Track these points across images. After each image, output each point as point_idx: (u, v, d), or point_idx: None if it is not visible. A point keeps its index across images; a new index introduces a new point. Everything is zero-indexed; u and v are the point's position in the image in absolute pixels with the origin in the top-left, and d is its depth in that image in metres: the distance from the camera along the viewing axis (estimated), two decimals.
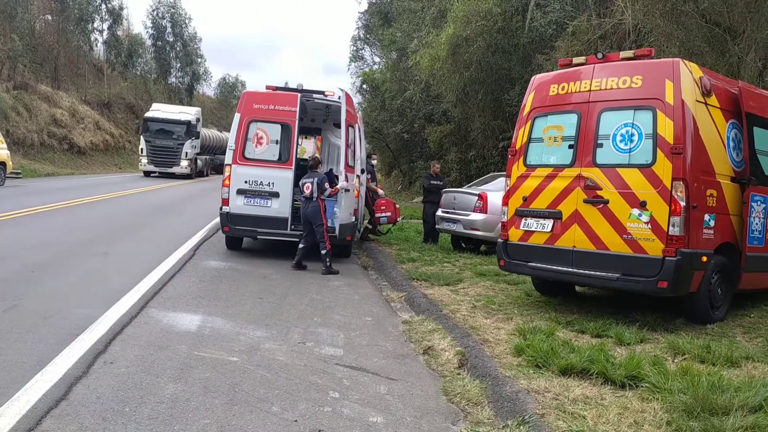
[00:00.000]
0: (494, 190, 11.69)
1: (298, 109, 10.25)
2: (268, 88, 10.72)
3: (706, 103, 6.54)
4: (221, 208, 10.26)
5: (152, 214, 15.84)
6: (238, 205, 10.16)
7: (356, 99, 37.70)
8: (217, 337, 5.82)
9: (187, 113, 35.17)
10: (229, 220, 10.18)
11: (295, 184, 10.18)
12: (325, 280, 9.13)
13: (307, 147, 10.57)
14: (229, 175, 10.17)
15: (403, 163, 33.23)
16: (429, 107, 26.59)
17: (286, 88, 10.69)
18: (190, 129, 33.67)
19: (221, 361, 5.15)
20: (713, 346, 5.63)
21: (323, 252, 9.61)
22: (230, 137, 10.38)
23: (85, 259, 9.10)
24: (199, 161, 35.62)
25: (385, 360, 5.61)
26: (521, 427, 4.07)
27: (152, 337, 5.68)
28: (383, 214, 12.71)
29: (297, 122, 10.31)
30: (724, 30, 12.24)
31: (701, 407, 4.11)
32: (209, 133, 40.99)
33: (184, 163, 32.95)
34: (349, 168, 10.37)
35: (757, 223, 6.96)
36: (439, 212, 12.79)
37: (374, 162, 14.95)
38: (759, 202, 6.95)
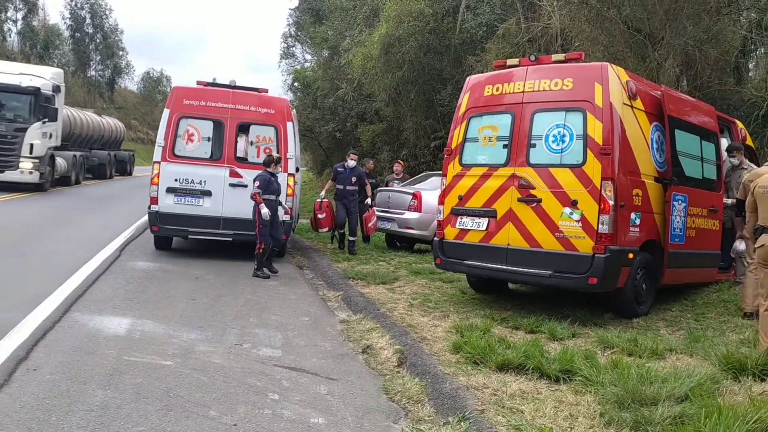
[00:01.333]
0: (428, 189, 11.81)
1: (230, 105, 10.03)
2: (199, 83, 10.44)
3: (632, 106, 6.81)
4: (149, 207, 9.90)
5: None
6: (168, 203, 9.83)
7: (287, 97, 37.31)
8: (148, 341, 5.60)
9: (38, 75, 20.39)
10: (158, 219, 9.84)
11: (231, 184, 10.00)
12: (259, 280, 8.96)
13: (241, 144, 10.30)
14: (158, 172, 9.83)
15: (335, 162, 33.07)
16: (361, 106, 26.54)
17: (218, 84, 10.43)
18: (40, 103, 19.27)
19: (154, 366, 4.96)
20: (640, 340, 5.87)
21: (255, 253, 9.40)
22: (159, 133, 10.04)
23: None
24: (59, 160, 21.50)
25: (324, 360, 5.56)
26: (462, 424, 4.11)
27: (78, 342, 5.41)
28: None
29: (231, 119, 10.08)
30: (645, 36, 12.80)
31: (631, 398, 4.26)
32: (79, 115, 27.14)
33: (26, 163, 18.73)
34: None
35: (678, 222, 7.31)
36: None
37: (371, 167, 13.72)
38: (680, 201, 7.30)
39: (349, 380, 5.09)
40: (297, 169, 10.96)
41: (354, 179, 11.57)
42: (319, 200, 11.70)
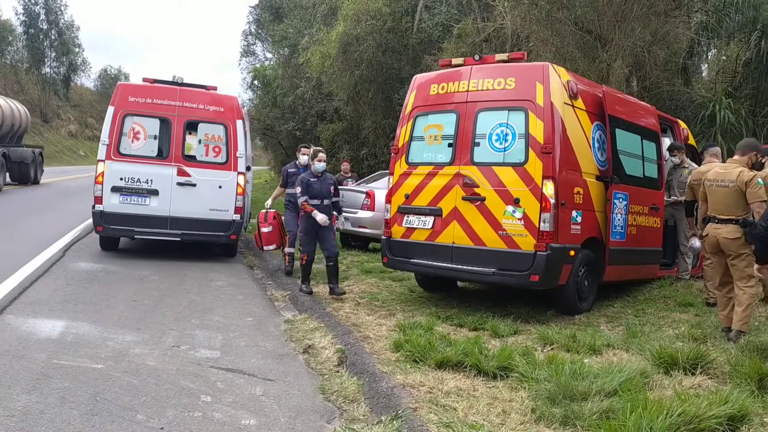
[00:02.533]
0: (382, 188, 11.77)
1: (177, 103, 9.87)
2: (145, 80, 10.22)
3: (573, 106, 6.91)
4: (94, 207, 9.66)
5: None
6: (113, 203, 9.61)
7: (247, 95, 36.87)
8: (81, 344, 5.45)
9: None
10: (102, 219, 9.61)
11: (179, 183, 9.79)
12: (207, 280, 8.83)
13: (192, 143, 10.14)
14: (103, 171, 9.60)
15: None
16: (321, 105, 26.42)
17: (164, 81, 10.24)
18: None
19: (84, 369, 4.83)
20: (579, 336, 5.96)
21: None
22: (103, 131, 9.80)
23: None
24: None
25: (263, 360, 5.49)
26: (394, 422, 4.09)
27: (7, 346, 5.23)
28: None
29: (179, 117, 9.91)
30: (595, 38, 13.01)
31: (563, 394, 4.31)
32: None
33: None
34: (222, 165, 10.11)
35: (619, 219, 7.44)
36: None
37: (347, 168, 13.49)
38: (621, 199, 7.43)
39: (286, 381, 5.04)
40: (248, 168, 10.83)
41: (332, 188, 8.21)
42: (264, 210, 9.58)
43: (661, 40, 13.56)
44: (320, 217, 7.75)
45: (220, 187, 10.01)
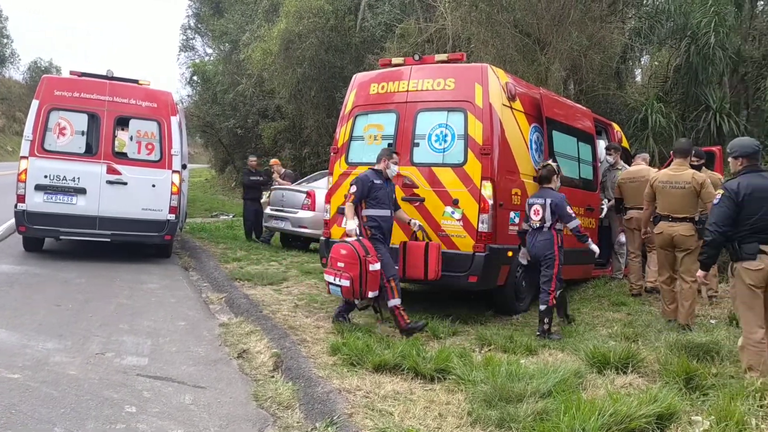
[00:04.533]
0: (322, 188, 11.63)
1: (107, 98, 9.45)
2: (72, 73, 9.75)
3: (511, 107, 6.96)
4: (16, 206, 9.14)
5: None
6: (37, 202, 9.11)
7: (185, 91, 35.93)
8: None
9: None
10: (26, 218, 9.10)
11: (109, 181, 9.38)
12: (138, 283, 8.48)
13: (124, 139, 9.75)
14: (26, 168, 9.09)
15: (237, 159, 32.20)
16: (263, 102, 25.98)
17: (93, 75, 9.79)
18: None
19: None
20: (516, 336, 6.00)
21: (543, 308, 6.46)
22: (26, 127, 9.29)
23: None
24: None
25: (194, 367, 5.28)
26: (329, 429, 3.99)
27: None
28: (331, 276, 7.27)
29: (109, 112, 9.50)
30: (533, 41, 13.23)
31: (499, 396, 4.30)
32: None
33: None
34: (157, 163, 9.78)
35: None
36: (268, 210, 12.54)
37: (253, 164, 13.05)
38: None
39: (218, 388, 4.85)
40: (184, 166, 10.49)
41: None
42: (355, 237, 6.22)
43: (597, 45, 13.90)
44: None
45: (153, 185, 9.65)
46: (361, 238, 6.20)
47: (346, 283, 6.00)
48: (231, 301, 7.69)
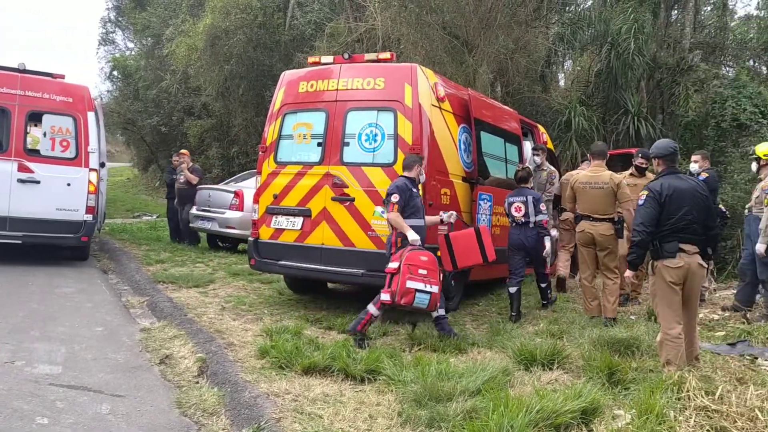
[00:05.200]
0: (251, 188, 11.38)
1: (18, 92, 8.91)
2: None
3: (440, 108, 7.00)
4: None
5: None
6: None
7: (105, 86, 34.47)
8: None
9: None
10: None
11: (20, 180, 8.82)
12: (52, 287, 8.02)
13: (37, 136, 9.21)
14: None
15: (161, 158, 31.17)
16: (188, 100, 25.24)
17: (3, 67, 9.18)
18: None
19: None
20: (445, 336, 6.01)
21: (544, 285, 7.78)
22: None
23: None
24: None
25: (112, 375, 5.02)
26: None
27: None
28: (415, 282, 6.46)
29: (20, 107, 8.95)
30: (462, 43, 13.43)
31: (429, 395, 4.29)
32: None
33: None
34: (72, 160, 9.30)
35: (484, 220, 7.65)
36: (194, 210, 12.16)
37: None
38: (485, 201, 7.64)
39: (138, 396, 4.63)
40: (102, 164, 10.02)
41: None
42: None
43: (523, 49, 14.29)
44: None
45: (68, 184, 9.16)
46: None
47: (436, 289, 5.69)
48: (153, 304, 7.38)
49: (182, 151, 13.22)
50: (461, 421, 3.92)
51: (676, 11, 17.54)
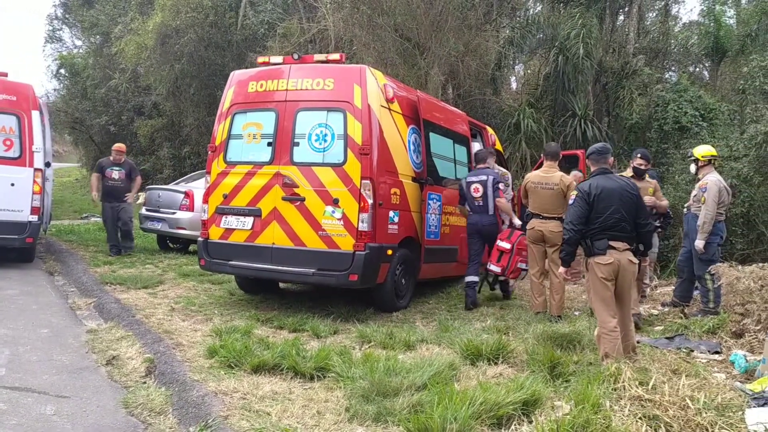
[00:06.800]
0: (201, 188, 11.26)
1: None
2: None
3: (390, 109, 7.10)
4: None
5: None
6: None
7: (52, 85, 33.46)
8: None
9: None
10: None
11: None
12: None
13: None
14: None
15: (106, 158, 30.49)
16: (138, 99, 24.75)
17: None
18: None
19: None
20: (395, 332, 6.11)
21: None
22: None
23: None
24: None
25: (57, 376, 4.95)
26: None
27: None
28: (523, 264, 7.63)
29: None
30: (414, 45, 13.60)
31: (377, 391, 4.37)
32: None
33: None
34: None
35: (433, 219, 7.79)
36: (143, 210, 11.99)
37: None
38: (434, 200, 7.79)
39: (84, 396, 4.58)
40: (48, 164, 9.78)
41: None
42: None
43: (473, 52, 14.54)
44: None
45: (12, 184, 8.94)
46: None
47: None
48: (100, 306, 7.28)
49: (116, 145, 12.27)
50: (407, 414, 4.01)
51: (621, 17, 18.11)
